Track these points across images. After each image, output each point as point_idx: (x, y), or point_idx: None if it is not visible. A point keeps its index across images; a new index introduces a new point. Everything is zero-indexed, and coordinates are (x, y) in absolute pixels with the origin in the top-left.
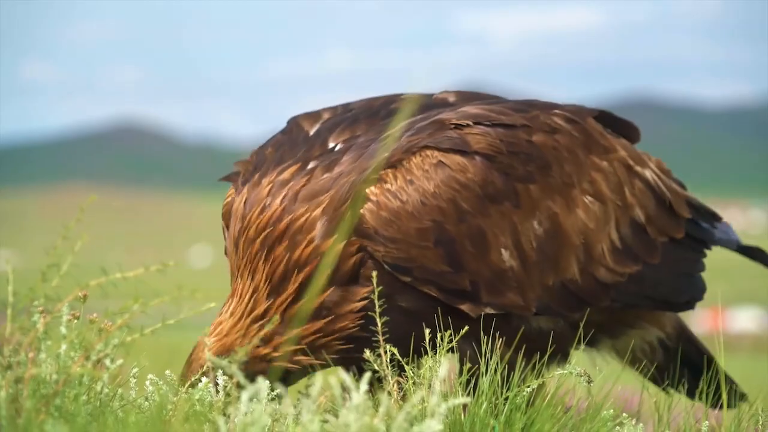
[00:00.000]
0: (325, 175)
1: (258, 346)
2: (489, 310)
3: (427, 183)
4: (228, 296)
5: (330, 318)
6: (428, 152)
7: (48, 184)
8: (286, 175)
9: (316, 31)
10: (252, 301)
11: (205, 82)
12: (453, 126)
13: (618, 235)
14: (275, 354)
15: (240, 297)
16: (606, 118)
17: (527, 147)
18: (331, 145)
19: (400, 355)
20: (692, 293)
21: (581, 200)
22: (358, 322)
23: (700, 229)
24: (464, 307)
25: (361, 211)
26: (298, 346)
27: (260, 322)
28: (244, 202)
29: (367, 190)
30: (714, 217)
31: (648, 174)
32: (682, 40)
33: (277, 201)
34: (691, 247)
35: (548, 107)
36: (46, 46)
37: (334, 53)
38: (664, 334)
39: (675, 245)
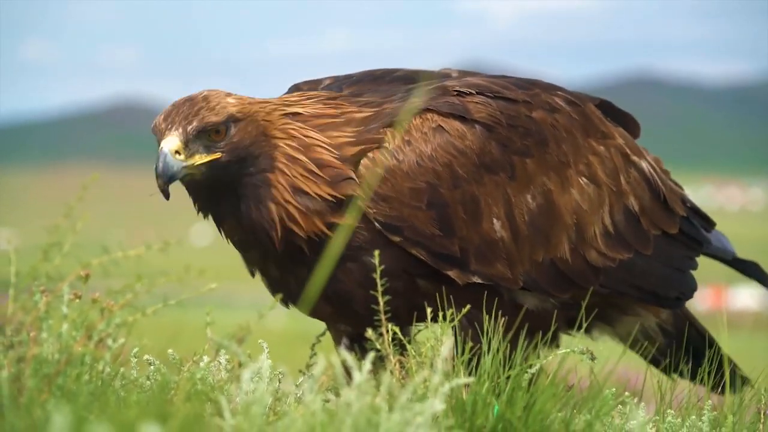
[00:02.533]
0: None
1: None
2: (476, 279)
3: (425, 145)
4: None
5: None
6: (429, 115)
7: (48, 163)
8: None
9: (315, 10)
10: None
11: (204, 61)
12: (456, 93)
13: (611, 220)
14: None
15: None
16: (607, 109)
17: (527, 122)
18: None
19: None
20: (682, 290)
21: (576, 180)
22: None
23: (694, 229)
24: (452, 273)
25: (358, 168)
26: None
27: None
28: None
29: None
30: (708, 222)
31: (644, 165)
32: (681, 19)
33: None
34: (684, 244)
35: (551, 88)
36: (46, 26)
37: (333, 32)
38: (661, 320)
39: (668, 240)
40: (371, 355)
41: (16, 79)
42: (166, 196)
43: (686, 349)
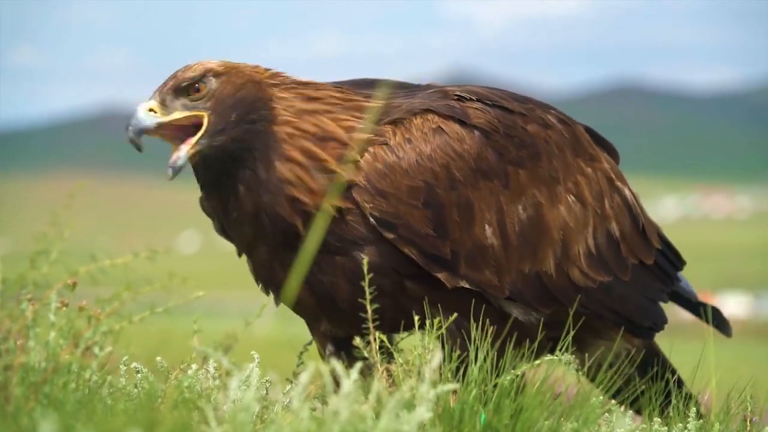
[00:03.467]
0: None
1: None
2: (464, 284)
3: (425, 145)
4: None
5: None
6: (429, 116)
7: (38, 170)
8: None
9: (304, 15)
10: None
11: None
12: (456, 97)
13: (594, 241)
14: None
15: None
16: (590, 134)
17: (522, 133)
18: None
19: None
20: (654, 320)
21: (564, 198)
22: None
23: (667, 263)
24: (441, 276)
25: (358, 161)
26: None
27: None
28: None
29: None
30: (679, 260)
31: (627, 192)
32: (669, 26)
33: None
34: (658, 276)
35: (543, 105)
36: (35, 32)
37: (322, 38)
38: (633, 347)
39: (644, 270)
40: (359, 364)
41: (4, 86)
42: (138, 147)
43: (653, 380)
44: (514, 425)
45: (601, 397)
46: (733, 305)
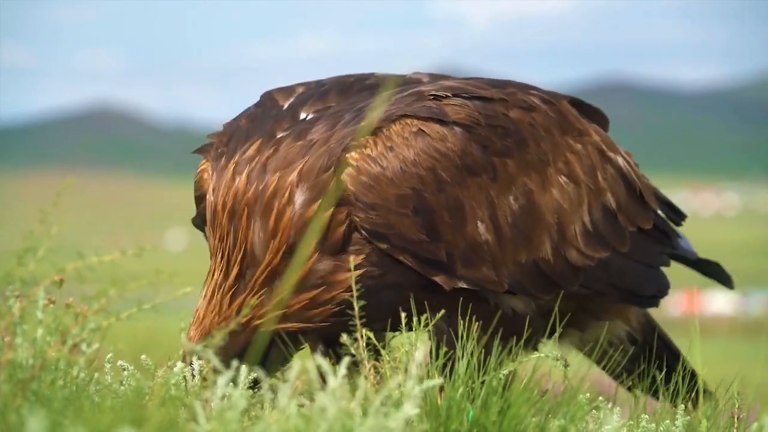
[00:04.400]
0: (297, 143)
1: (240, 319)
2: (462, 284)
3: (407, 150)
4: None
5: (323, 288)
6: (408, 120)
7: (23, 168)
8: (250, 152)
9: (291, 15)
10: (222, 275)
11: (180, 66)
12: (432, 97)
13: (590, 218)
14: (259, 321)
15: (212, 276)
16: (576, 105)
17: (505, 121)
18: (302, 116)
19: (384, 332)
20: (657, 287)
21: (556, 179)
22: (344, 290)
23: (666, 224)
24: (438, 279)
25: (342, 176)
26: (289, 323)
27: (232, 295)
28: (213, 191)
29: (347, 156)
30: (679, 216)
31: (620, 161)
32: (656, 23)
33: (243, 176)
34: (657, 239)
35: (524, 87)
36: (22, 30)
37: (309, 37)
38: (630, 328)
39: (643, 236)
40: (346, 360)
41: None
42: None
43: (654, 361)
44: (501, 422)
45: (589, 394)
46: (721, 302)
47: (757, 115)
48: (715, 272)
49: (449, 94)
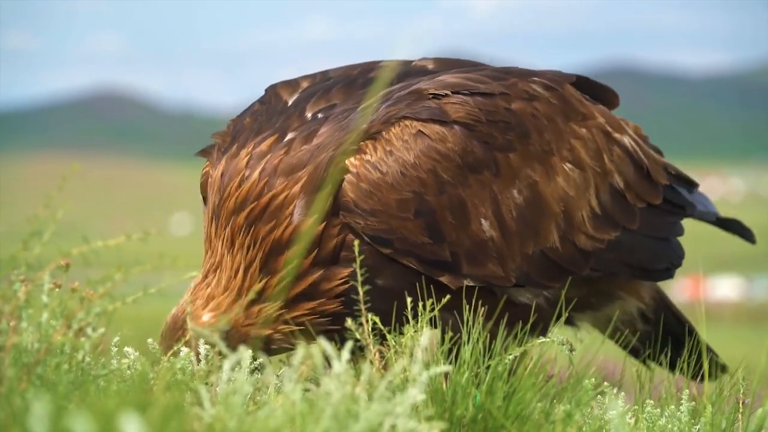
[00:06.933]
0: (304, 147)
1: (249, 324)
2: (469, 282)
3: (407, 153)
4: (207, 264)
5: (321, 300)
6: (407, 122)
7: (28, 152)
8: (263, 146)
9: (295, 0)
10: (248, 278)
11: (185, 50)
12: (431, 96)
13: (597, 201)
14: (261, 331)
15: (233, 272)
16: (583, 84)
17: (506, 115)
18: (308, 114)
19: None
20: (670, 259)
21: (561, 168)
22: (340, 302)
23: (676, 195)
24: (444, 279)
25: (343, 184)
26: (287, 326)
27: (260, 303)
28: (222, 174)
29: (346, 162)
30: (691, 184)
31: (626, 140)
32: (661, 8)
33: (256, 174)
34: (669, 212)
35: (526, 74)
36: (28, 14)
37: (313, 22)
38: (644, 305)
39: (653, 211)
40: (349, 344)
41: None
42: None
43: (666, 337)
44: (506, 407)
45: (594, 380)
46: (725, 288)
47: (762, 100)
48: (735, 228)
49: (449, 92)
